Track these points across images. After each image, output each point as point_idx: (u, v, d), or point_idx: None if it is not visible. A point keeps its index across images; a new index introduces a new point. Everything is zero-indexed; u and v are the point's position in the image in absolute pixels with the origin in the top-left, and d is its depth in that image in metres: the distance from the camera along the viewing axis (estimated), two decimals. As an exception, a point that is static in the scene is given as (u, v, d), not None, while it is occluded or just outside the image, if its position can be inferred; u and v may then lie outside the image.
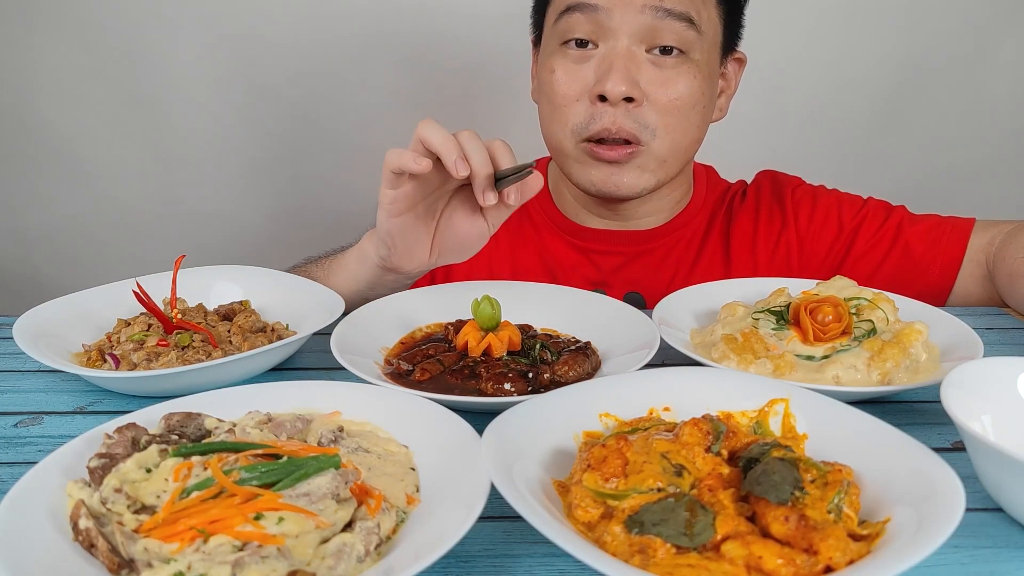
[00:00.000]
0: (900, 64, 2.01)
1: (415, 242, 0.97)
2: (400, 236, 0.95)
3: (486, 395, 0.79)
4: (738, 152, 1.62)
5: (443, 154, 0.86)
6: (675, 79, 1.09)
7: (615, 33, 1.07)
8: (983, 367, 0.68)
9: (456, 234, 0.98)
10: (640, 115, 1.09)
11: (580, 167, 1.15)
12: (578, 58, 1.10)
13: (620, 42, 1.07)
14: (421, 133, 0.87)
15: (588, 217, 1.29)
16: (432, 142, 0.86)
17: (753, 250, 1.27)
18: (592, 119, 1.10)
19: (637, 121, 1.09)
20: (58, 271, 2.16)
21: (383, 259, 1.00)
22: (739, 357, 0.83)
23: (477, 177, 0.87)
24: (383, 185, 0.91)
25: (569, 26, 1.09)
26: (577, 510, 0.55)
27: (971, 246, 1.16)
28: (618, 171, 1.13)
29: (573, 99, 1.11)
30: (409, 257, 0.98)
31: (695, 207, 1.30)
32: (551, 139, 1.19)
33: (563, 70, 1.11)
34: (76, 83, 1.98)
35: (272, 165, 2.10)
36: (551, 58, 1.14)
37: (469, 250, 1.00)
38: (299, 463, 0.58)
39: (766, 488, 0.53)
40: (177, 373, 0.79)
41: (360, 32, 1.96)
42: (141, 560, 0.51)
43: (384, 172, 0.90)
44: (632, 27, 1.06)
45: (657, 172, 1.14)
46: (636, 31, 1.07)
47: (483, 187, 0.88)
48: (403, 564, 0.49)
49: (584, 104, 1.10)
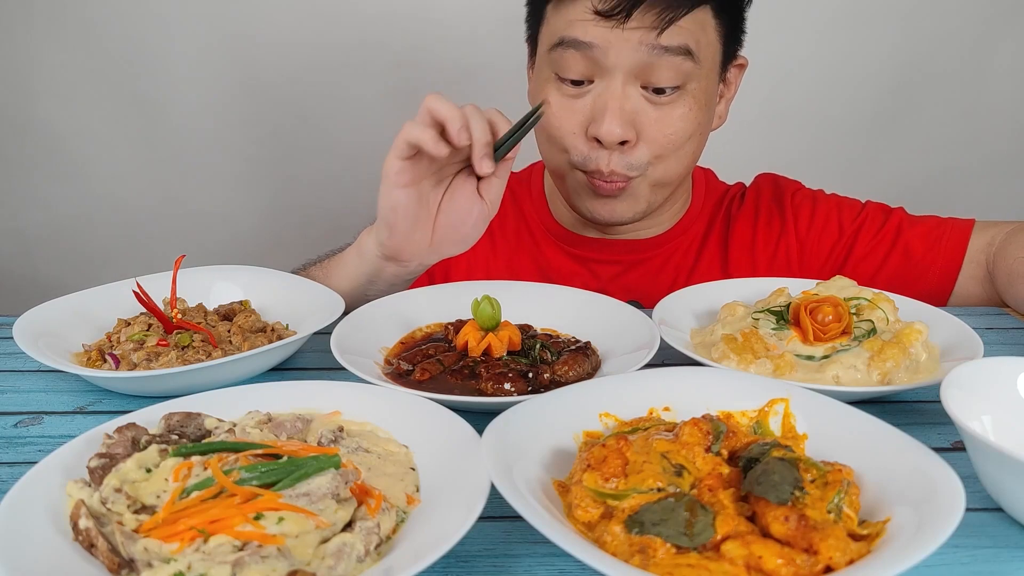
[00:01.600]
0: (900, 66, 2.01)
1: (416, 222, 0.97)
2: (403, 212, 0.95)
3: (486, 395, 0.79)
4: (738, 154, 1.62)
5: (448, 122, 0.88)
6: (670, 115, 1.08)
7: (610, 72, 1.05)
8: (983, 367, 0.68)
9: (457, 214, 0.99)
10: (633, 156, 1.09)
11: (577, 196, 1.18)
12: (573, 94, 1.10)
13: (615, 81, 1.06)
14: (429, 104, 0.89)
15: (585, 228, 1.29)
16: (439, 111, 0.89)
17: (752, 255, 1.27)
18: (587, 158, 1.11)
19: (628, 163, 1.10)
20: (58, 271, 2.16)
21: (382, 244, 0.99)
22: (739, 357, 0.83)
23: (476, 144, 0.90)
24: (392, 155, 0.93)
25: (564, 63, 1.07)
26: (577, 510, 0.55)
27: (971, 247, 1.16)
28: (612, 202, 1.15)
29: (569, 132, 1.11)
30: (409, 239, 0.98)
31: (693, 214, 1.30)
32: (548, 163, 1.20)
33: (559, 104, 1.11)
34: (76, 83, 1.98)
35: (272, 165, 2.10)
36: (546, 85, 1.13)
37: (468, 236, 1.01)
38: (299, 463, 0.58)
39: (766, 488, 0.53)
40: (177, 373, 0.79)
41: (358, 33, 1.96)
42: (141, 560, 0.51)
43: (397, 142, 0.92)
44: (628, 65, 1.04)
45: (650, 197, 1.16)
46: (632, 69, 1.05)
47: (481, 155, 0.90)
48: (403, 564, 0.49)
49: (580, 139, 1.11)
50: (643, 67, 1.05)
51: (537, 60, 1.18)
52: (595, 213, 1.17)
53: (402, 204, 0.95)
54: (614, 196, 1.14)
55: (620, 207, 1.16)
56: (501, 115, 0.93)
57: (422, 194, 0.96)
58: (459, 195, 0.98)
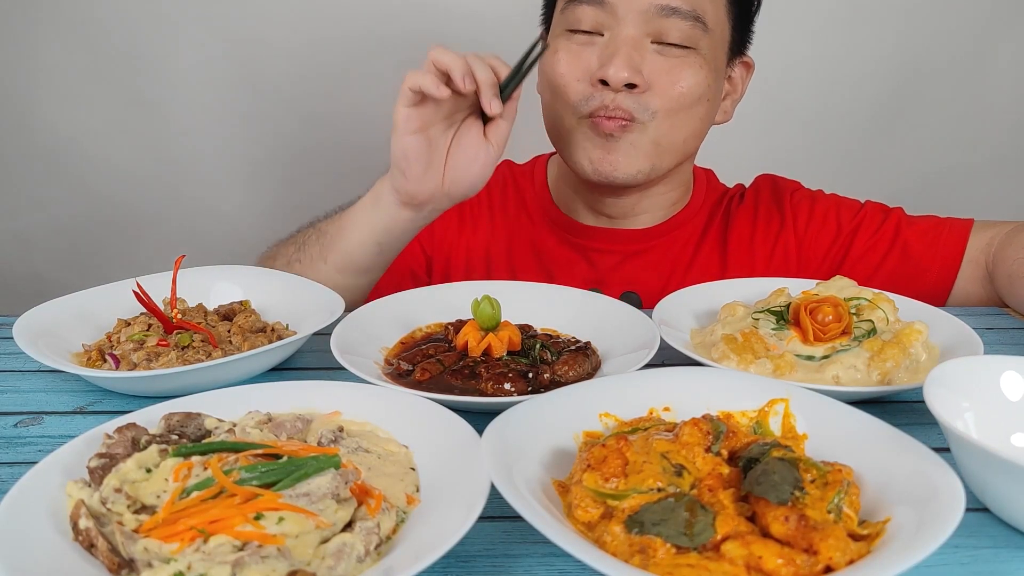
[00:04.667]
0: (899, 66, 2.01)
1: (428, 164, 1.01)
2: (415, 155, 0.99)
3: (486, 395, 0.79)
4: (738, 154, 1.62)
5: (452, 70, 0.92)
6: (680, 69, 1.09)
7: (621, 23, 1.08)
8: (966, 365, 0.69)
9: (466, 157, 1.02)
10: (643, 99, 1.09)
11: (578, 146, 1.15)
12: (583, 42, 1.11)
13: (626, 30, 1.07)
14: (434, 55, 0.93)
15: (586, 214, 1.29)
16: (443, 60, 0.93)
17: (751, 252, 1.27)
18: (592, 97, 1.10)
19: (638, 103, 1.09)
20: (58, 271, 2.16)
21: (397, 189, 1.03)
22: (739, 357, 0.83)
23: (483, 86, 0.94)
24: (399, 103, 0.97)
25: (576, 17, 1.10)
26: (577, 510, 0.55)
27: (970, 247, 1.16)
28: (613, 148, 1.12)
29: (574, 79, 1.11)
30: (422, 183, 1.02)
31: (693, 208, 1.30)
32: (551, 121, 1.19)
33: (567, 53, 1.12)
34: (76, 83, 1.98)
35: (272, 165, 2.10)
36: (555, 42, 1.14)
37: (477, 179, 1.04)
38: (299, 463, 0.58)
39: (766, 488, 0.53)
40: (177, 373, 0.79)
41: (361, 33, 1.96)
42: (141, 560, 0.51)
43: (403, 89, 0.95)
44: (639, 18, 1.07)
45: (651, 155, 1.13)
46: (643, 22, 1.07)
47: (489, 96, 0.94)
48: (403, 564, 0.49)
49: (585, 84, 1.11)
50: (654, 25, 1.06)
51: (552, 24, 1.19)
52: (596, 165, 1.14)
53: (413, 149, 0.99)
54: (614, 139, 1.11)
55: (620, 159, 1.12)
56: (501, 60, 0.97)
57: (431, 139, 1.00)
58: (467, 139, 1.02)
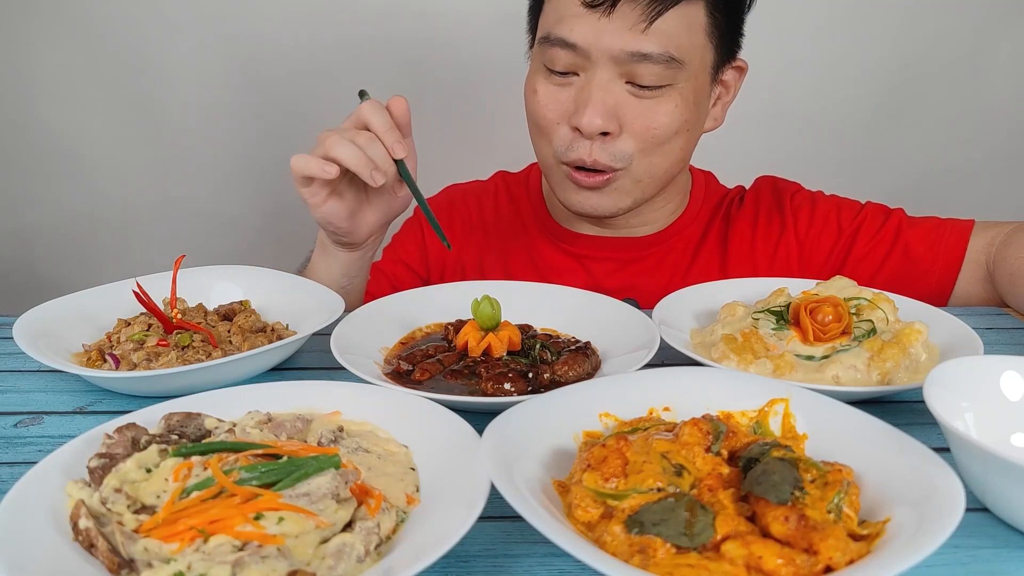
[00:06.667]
0: (898, 66, 2.01)
1: (351, 215, 1.05)
2: (335, 218, 1.04)
3: (486, 395, 0.79)
4: (736, 155, 1.62)
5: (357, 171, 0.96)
6: (655, 110, 1.07)
7: (595, 65, 1.06)
8: (966, 365, 0.69)
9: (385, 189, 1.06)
10: (615, 147, 1.08)
11: (561, 188, 1.17)
12: (559, 83, 1.11)
13: (599, 73, 1.06)
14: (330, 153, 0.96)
15: (581, 224, 1.29)
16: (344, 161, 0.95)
17: (752, 255, 1.26)
18: (570, 147, 1.11)
19: (611, 153, 1.09)
20: (58, 271, 2.16)
21: (334, 241, 1.09)
22: (739, 357, 0.83)
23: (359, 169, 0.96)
24: (296, 185, 1.01)
25: (551, 56, 1.09)
26: (577, 510, 0.55)
27: (971, 247, 1.16)
28: (596, 195, 1.14)
29: (554, 123, 1.12)
30: (353, 231, 1.07)
31: (691, 214, 1.29)
32: (538, 154, 1.21)
33: (544, 94, 1.12)
34: (76, 83, 1.98)
35: (273, 165, 2.10)
36: (535, 76, 1.14)
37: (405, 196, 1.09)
38: (299, 463, 0.58)
39: (766, 488, 0.53)
40: (177, 373, 0.79)
41: (359, 33, 1.96)
42: (141, 560, 0.51)
43: (294, 177, 0.99)
44: (612, 60, 1.05)
45: (634, 193, 1.15)
46: (616, 63, 1.05)
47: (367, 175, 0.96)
48: (403, 564, 0.49)
49: (564, 129, 1.11)
50: (627, 66, 1.05)
51: (533, 49, 1.19)
52: (577, 207, 1.17)
53: (330, 214, 1.04)
54: (598, 189, 1.13)
55: (603, 201, 1.15)
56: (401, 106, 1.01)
57: (343, 197, 1.04)
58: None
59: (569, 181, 1.14)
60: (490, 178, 1.42)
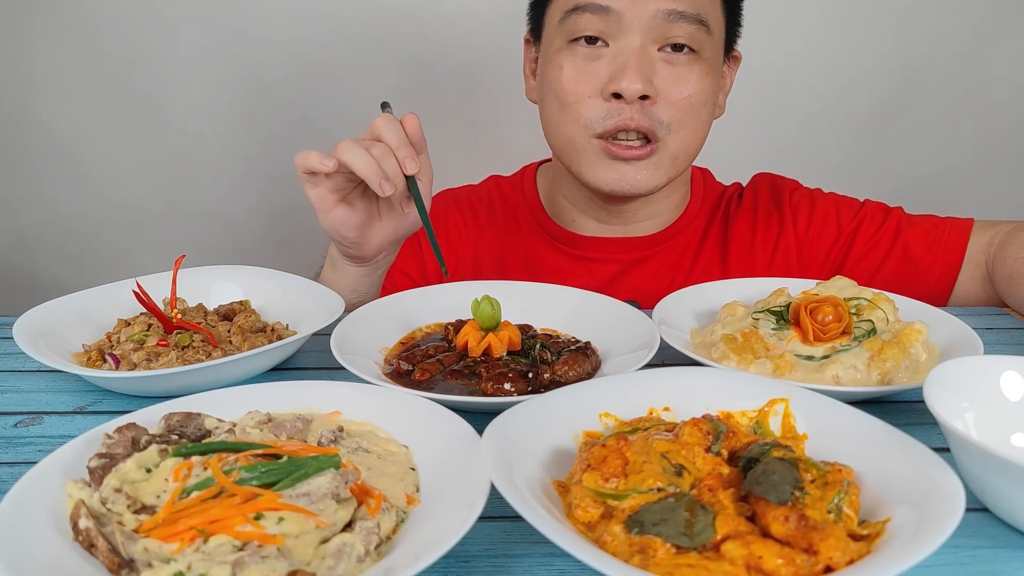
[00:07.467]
0: (898, 64, 2.01)
1: (361, 227, 1.03)
2: (344, 227, 1.01)
3: (486, 395, 0.79)
4: (735, 152, 1.62)
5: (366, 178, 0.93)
6: (687, 76, 1.09)
7: (627, 32, 1.07)
8: (966, 365, 0.69)
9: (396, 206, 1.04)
10: (655, 112, 1.09)
11: (593, 166, 1.14)
12: (588, 55, 1.10)
13: (633, 40, 1.07)
14: (342, 157, 0.94)
15: (584, 223, 1.28)
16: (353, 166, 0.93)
17: (751, 254, 1.26)
18: (608, 115, 1.09)
19: (652, 118, 1.09)
20: (58, 271, 2.16)
21: (343, 253, 1.07)
22: (739, 357, 0.83)
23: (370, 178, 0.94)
24: (305, 188, 0.99)
25: (578, 25, 1.09)
26: (577, 510, 0.55)
27: (971, 247, 1.16)
28: (633, 169, 1.12)
29: (585, 95, 1.10)
30: (362, 244, 1.04)
31: (692, 211, 1.29)
32: (559, 138, 1.16)
33: (573, 67, 1.10)
34: (76, 83, 1.98)
35: (272, 165, 2.10)
36: (558, 55, 1.12)
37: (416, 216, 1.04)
38: (299, 463, 0.58)
39: (766, 488, 0.53)
40: (177, 373, 0.79)
41: (359, 32, 1.96)
42: (141, 560, 0.51)
43: (300, 175, 0.98)
44: (644, 27, 1.06)
45: (669, 169, 1.14)
46: (648, 31, 1.07)
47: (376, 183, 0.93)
48: (403, 564, 0.49)
49: (597, 101, 1.10)
50: (659, 30, 1.06)
51: (545, 39, 1.18)
52: (612, 184, 1.13)
53: (340, 222, 1.01)
54: (638, 161, 1.11)
55: (641, 175, 1.12)
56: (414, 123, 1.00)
57: (354, 205, 1.02)
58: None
59: (604, 156, 1.12)
60: (482, 182, 1.41)
